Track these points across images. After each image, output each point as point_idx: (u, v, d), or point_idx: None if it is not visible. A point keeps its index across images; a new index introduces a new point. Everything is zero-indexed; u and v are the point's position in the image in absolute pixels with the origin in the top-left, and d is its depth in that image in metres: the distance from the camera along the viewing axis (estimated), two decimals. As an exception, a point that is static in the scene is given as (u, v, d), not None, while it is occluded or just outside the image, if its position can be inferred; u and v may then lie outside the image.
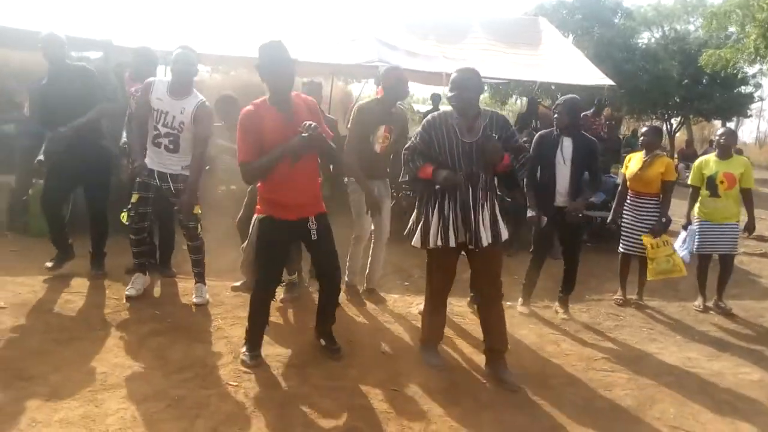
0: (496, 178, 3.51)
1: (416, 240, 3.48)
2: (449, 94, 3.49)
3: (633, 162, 5.14)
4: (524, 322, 4.59)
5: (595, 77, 8.38)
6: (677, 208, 6.59)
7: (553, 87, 15.61)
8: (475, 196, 3.36)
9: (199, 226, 4.18)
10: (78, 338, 3.54)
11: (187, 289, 4.49)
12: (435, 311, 3.66)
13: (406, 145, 3.53)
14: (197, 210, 4.13)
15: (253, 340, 3.45)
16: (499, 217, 3.45)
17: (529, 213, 4.68)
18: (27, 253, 4.96)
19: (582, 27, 19.58)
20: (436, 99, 11.05)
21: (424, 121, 3.49)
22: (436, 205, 3.41)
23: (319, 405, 3.00)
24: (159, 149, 4.00)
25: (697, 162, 5.39)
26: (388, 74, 4.33)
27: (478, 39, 9.33)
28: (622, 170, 5.26)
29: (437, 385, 3.33)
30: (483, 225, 3.35)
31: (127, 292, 4.17)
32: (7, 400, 2.78)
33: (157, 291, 4.49)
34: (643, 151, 5.08)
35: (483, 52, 9.07)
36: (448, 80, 8.11)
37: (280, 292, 4.29)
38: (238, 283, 4.53)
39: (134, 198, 4.04)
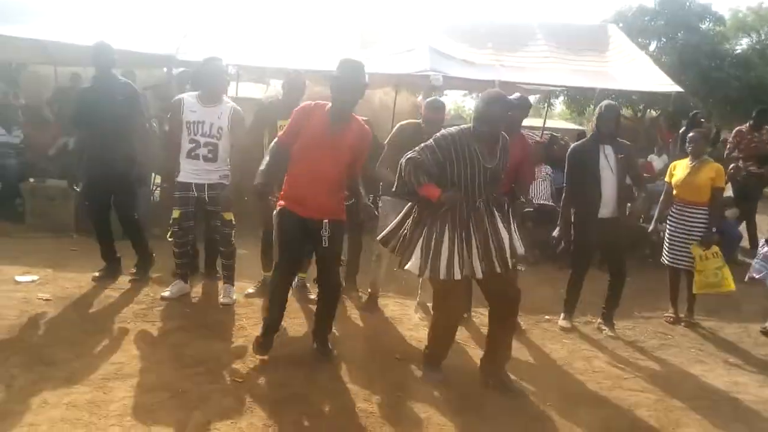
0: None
1: (414, 266, 3.19)
2: (480, 119, 3.15)
3: (679, 169, 4.81)
4: (558, 337, 4.39)
5: (663, 84, 7.94)
6: (762, 224, 6.10)
7: (612, 95, 14.99)
8: (494, 220, 3.22)
9: (233, 233, 4.30)
10: (106, 330, 3.75)
11: (222, 289, 4.63)
12: (446, 334, 3.43)
13: (408, 156, 3.18)
14: (232, 217, 4.25)
15: (267, 331, 3.48)
16: (515, 236, 3.31)
17: (555, 232, 4.51)
18: (85, 253, 5.28)
19: (665, 33, 18.63)
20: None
21: (439, 138, 3.17)
22: (446, 232, 3.15)
23: (317, 406, 3.01)
24: (197, 161, 4.13)
25: None
26: (432, 115, 4.19)
27: (539, 46, 9.10)
28: (666, 179, 4.93)
29: (444, 395, 3.24)
30: (502, 250, 3.20)
31: (162, 294, 4.36)
32: (27, 382, 2.98)
33: (196, 291, 4.67)
34: (689, 158, 4.75)
35: (543, 60, 8.85)
36: (498, 87, 8.01)
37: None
38: (252, 290, 4.62)
39: (176, 214, 4.19)
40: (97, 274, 4.65)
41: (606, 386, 3.56)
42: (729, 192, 6.87)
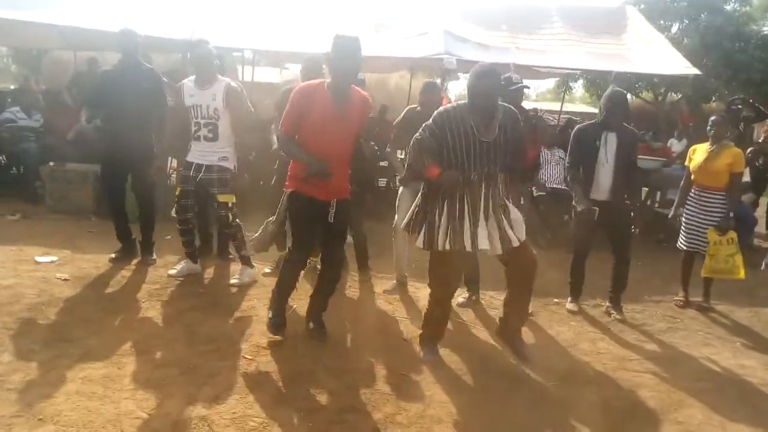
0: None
1: (420, 241, 3.32)
2: (472, 93, 3.18)
3: (698, 154, 4.76)
4: (566, 319, 4.42)
5: (679, 66, 7.81)
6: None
7: (631, 78, 14.77)
8: (491, 197, 3.23)
9: (231, 215, 4.37)
10: (123, 309, 3.87)
11: (235, 270, 4.73)
12: (439, 309, 3.50)
13: (414, 138, 3.29)
14: (228, 199, 4.33)
15: (278, 308, 3.57)
16: (515, 216, 3.31)
17: (579, 207, 4.49)
18: (103, 235, 5.39)
19: (688, 15, 18.20)
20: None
21: (436, 114, 3.24)
22: (445, 206, 3.24)
23: (323, 383, 3.08)
24: (199, 142, 4.25)
25: None
26: (425, 96, 4.37)
27: (554, 28, 9.00)
28: (686, 163, 4.89)
29: (448, 374, 3.31)
30: (509, 224, 3.24)
31: (170, 272, 4.50)
32: (46, 357, 3.11)
33: (209, 272, 4.78)
34: (709, 142, 4.71)
35: (560, 42, 8.75)
36: (515, 70, 7.96)
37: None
38: (268, 269, 4.71)
39: (177, 191, 4.34)
40: (113, 255, 4.77)
41: (610, 367, 3.59)
42: (746, 177, 6.77)
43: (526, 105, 7.93)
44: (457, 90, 24.63)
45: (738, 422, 3.02)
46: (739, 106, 7.77)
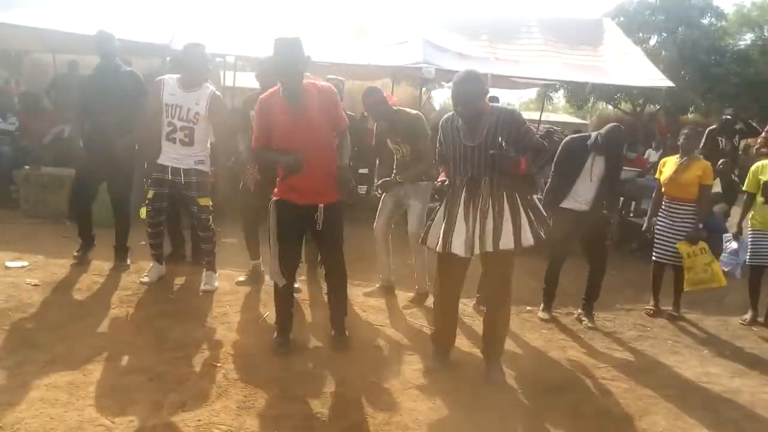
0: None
1: (424, 239, 3.48)
2: (454, 100, 3.26)
3: (668, 166, 4.86)
4: (537, 327, 4.46)
5: (654, 78, 7.96)
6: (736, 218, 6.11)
7: (611, 90, 15.02)
8: (478, 201, 3.23)
9: (210, 218, 4.37)
10: (92, 315, 3.83)
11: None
12: (443, 315, 3.53)
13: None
14: (208, 203, 4.33)
15: (281, 325, 3.55)
16: (519, 220, 3.23)
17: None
18: (77, 240, 5.32)
19: (666, 28, 18.57)
20: (495, 101, 10.82)
21: (441, 122, 3.44)
22: (446, 209, 3.35)
23: (291, 390, 3.07)
24: (174, 144, 4.20)
25: (753, 167, 5.01)
26: (365, 100, 4.48)
27: (533, 39, 9.13)
28: (656, 176, 4.98)
29: (420, 382, 3.31)
30: (486, 230, 3.21)
31: (141, 279, 4.46)
32: (11, 364, 3.07)
33: (180, 278, 4.75)
34: (678, 155, 4.81)
35: (538, 53, 8.87)
36: (491, 81, 8.00)
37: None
38: (242, 278, 4.70)
39: (150, 194, 4.29)
40: (76, 253, 4.76)
41: (578, 375, 3.64)
42: (717, 188, 6.91)
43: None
44: (441, 98, 24.78)
45: (699, 428, 3.08)
46: (731, 118, 7.89)
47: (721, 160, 7.07)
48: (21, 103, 7.91)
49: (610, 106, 21.10)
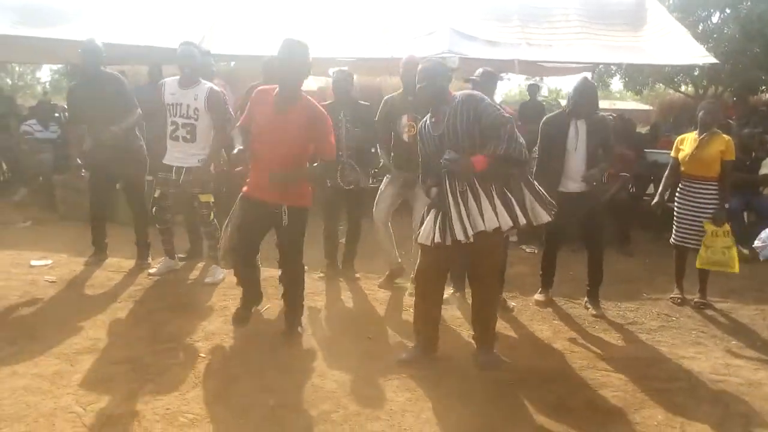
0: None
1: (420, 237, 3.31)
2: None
3: (686, 143, 4.52)
4: (548, 318, 4.26)
5: (696, 56, 7.45)
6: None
7: (670, 72, 14.28)
8: (453, 190, 3.11)
9: (212, 214, 4.45)
10: (98, 309, 3.95)
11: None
12: (427, 313, 3.37)
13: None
14: (209, 199, 4.40)
15: (243, 299, 3.69)
16: (496, 206, 3.08)
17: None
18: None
19: (729, 3, 17.37)
20: (533, 90, 10.51)
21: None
22: (438, 203, 3.24)
23: (269, 381, 3.06)
24: (177, 142, 4.32)
25: None
26: (405, 65, 4.33)
27: (570, 21, 8.76)
28: (672, 153, 4.64)
29: (404, 374, 3.21)
30: (462, 218, 3.07)
31: (149, 271, 4.62)
32: (6, 354, 3.22)
33: (195, 274, 4.85)
34: (697, 131, 4.48)
35: (574, 36, 8.50)
36: (519, 68, 7.75)
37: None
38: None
39: (156, 193, 4.44)
40: (87, 259, 4.95)
41: (578, 366, 3.43)
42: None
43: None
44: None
45: (701, 422, 2.84)
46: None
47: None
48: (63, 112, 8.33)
49: (670, 90, 20.01)
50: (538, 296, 4.50)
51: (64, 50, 8.52)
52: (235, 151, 3.33)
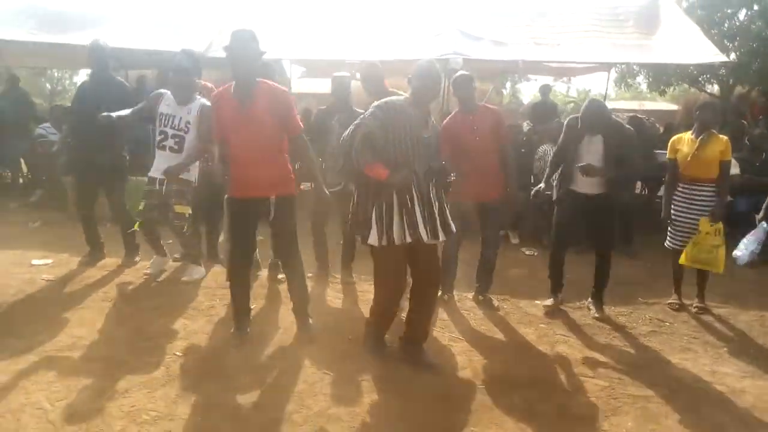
0: None
1: (374, 238, 3.10)
2: (414, 85, 3.10)
3: (683, 144, 4.40)
4: (536, 321, 4.19)
5: (708, 54, 7.26)
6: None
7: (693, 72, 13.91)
8: (431, 193, 3.16)
9: (185, 226, 4.50)
10: (86, 308, 4.03)
11: (215, 273, 4.85)
12: (388, 313, 3.38)
13: (354, 127, 3.04)
14: (185, 211, 4.43)
15: (237, 317, 3.60)
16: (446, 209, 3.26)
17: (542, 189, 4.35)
18: (107, 240, 5.56)
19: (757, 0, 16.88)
20: (545, 90, 10.34)
21: (382, 104, 3.07)
22: (395, 200, 3.08)
23: (239, 381, 3.08)
24: (164, 152, 4.36)
25: None
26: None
27: (578, 20, 8.63)
28: (669, 155, 4.52)
29: (376, 374, 3.20)
30: (438, 219, 3.16)
31: (145, 271, 4.72)
32: (-9, 353, 3.31)
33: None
34: (692, 132, 4.36)
35: (583, 35, 8.37)
36: (523, 68, 7.67)
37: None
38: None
39: (141, 206, 4.49)
40: (82, 258, 5.03)
41: (557, 371, 3.38)
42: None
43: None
44: (530, 92, 24.08)
45: (671, 430, 2.76)
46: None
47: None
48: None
49: (695, 89, 19.52)
50: (546, 302, 4.41)
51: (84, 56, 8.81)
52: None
